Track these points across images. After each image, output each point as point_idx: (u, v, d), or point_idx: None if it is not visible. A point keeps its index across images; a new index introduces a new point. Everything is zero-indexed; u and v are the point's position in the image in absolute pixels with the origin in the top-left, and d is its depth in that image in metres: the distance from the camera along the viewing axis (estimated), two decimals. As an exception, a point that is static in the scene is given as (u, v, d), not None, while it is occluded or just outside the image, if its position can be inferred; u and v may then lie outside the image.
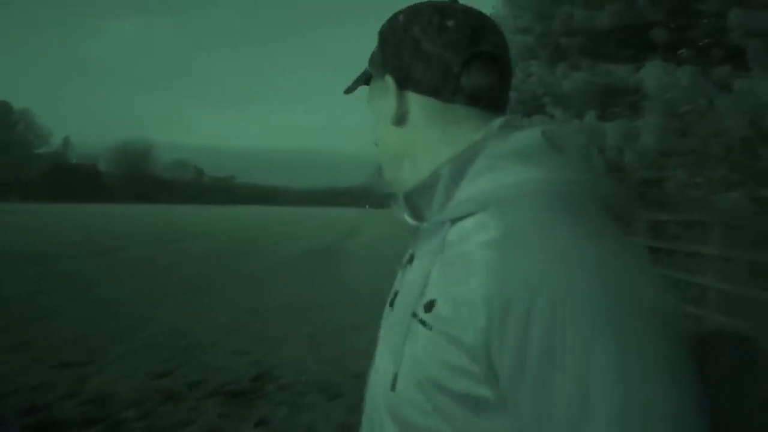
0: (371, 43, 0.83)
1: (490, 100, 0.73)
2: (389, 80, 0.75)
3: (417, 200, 0.74)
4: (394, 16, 0.77)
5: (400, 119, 0.76)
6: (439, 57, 0.72)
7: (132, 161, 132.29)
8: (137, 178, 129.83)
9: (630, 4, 5.66)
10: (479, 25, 0.73)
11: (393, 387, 0.67)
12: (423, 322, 0.64)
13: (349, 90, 0.86)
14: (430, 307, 0.64)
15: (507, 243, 0.59)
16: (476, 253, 0.61)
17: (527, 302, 0.53)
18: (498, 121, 0.72)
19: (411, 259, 0.76)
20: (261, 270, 12.02)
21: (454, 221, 0.67)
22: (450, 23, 0.72)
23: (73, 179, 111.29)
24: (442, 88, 0.72)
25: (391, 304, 0.76)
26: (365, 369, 0.83)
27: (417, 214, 0.75)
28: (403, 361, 0.66)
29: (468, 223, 0.65)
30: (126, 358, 5.23)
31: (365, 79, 0.83)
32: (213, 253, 15.63)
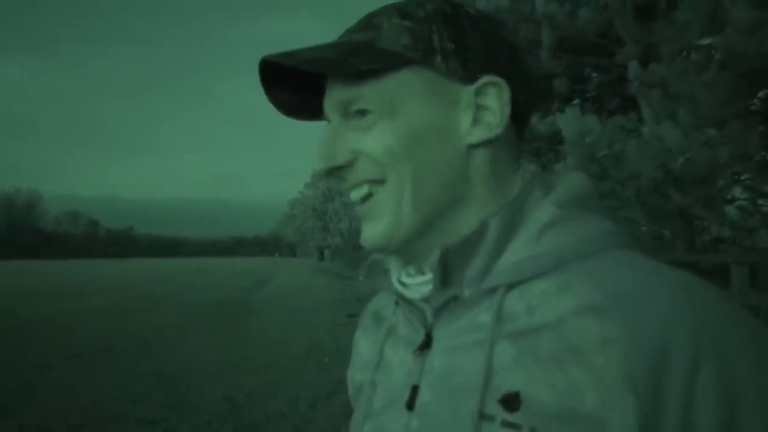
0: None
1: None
2: (495, 79, 0.57)
3: (453, 262, 0.56)
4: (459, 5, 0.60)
5: (491, 136, 0.57)
6: (529, 71, 0.61)
7: (16, 214, 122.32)
8: (22, 232, 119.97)
9: (535, 57, 6.08)
10: None
11: None
12: (511, 425, 0.50)
13: (342, 70, 0.55)
14: (513, 402, 0.50)
15: (622, 307, 0.49)
16: (578, 325, 0.50)
17: (686, 365, 0.46)
18: (524, 160, 0.61)
19: (427, 342, 0.60)
20: (163, 328, 11.19)
21: (510, 287, 0.55)
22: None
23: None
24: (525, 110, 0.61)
25: (410, 406, 0.58)
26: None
27: (442, 281, 0.57)
28: None
29: (536, 288, 0.54)
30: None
31: (385, 60, 0.55)
32: (109, 311, 14.42)
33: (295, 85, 0.62)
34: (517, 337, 0.52)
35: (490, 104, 0.56)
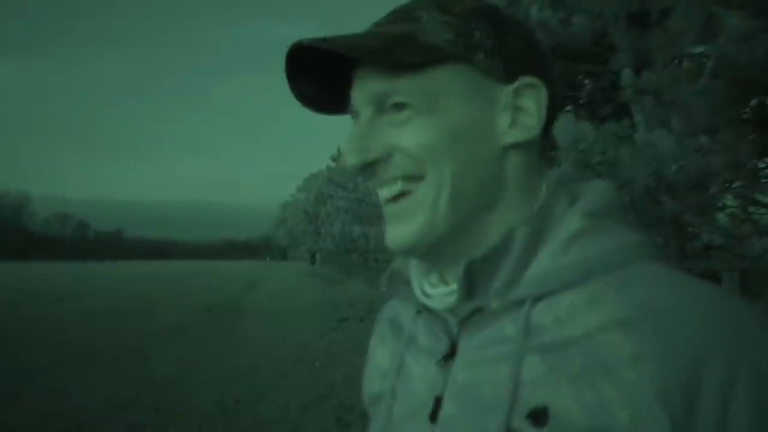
0: (265, 93, 0.59)
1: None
2: (533, 80, 0.56)
3: (478, 273, 0.55)
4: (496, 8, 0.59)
5: (528, 137, 0.56)
6: (557, 76, 0.60)
7: (4, 216, 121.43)
8: (10, 234, 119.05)
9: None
10: None
11: None
12: None
13: (388, 59, 0.53)
14: (541, 417, 0.49)
15: (653, 322, 0.47)
16: (608, 340, 0.48)
17: (720, 382, 0.45)
18: (554, 169, 0.60)
19: (452, 353, 0.58)
20: (153, 331, 11.11)
21: (537, 299, 0.53)
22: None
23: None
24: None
25: (433, 418, 0.57)
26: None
27: (468, 293, 0.56)
28: None
29: (564, 300, 0.52)
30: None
31: (428, 53, 0.54)
32: (98, 314, 14.29)
33: (317, 77, 0.60)
34: (545, 351, 0.51)
35: (527, 106, 0.56)
